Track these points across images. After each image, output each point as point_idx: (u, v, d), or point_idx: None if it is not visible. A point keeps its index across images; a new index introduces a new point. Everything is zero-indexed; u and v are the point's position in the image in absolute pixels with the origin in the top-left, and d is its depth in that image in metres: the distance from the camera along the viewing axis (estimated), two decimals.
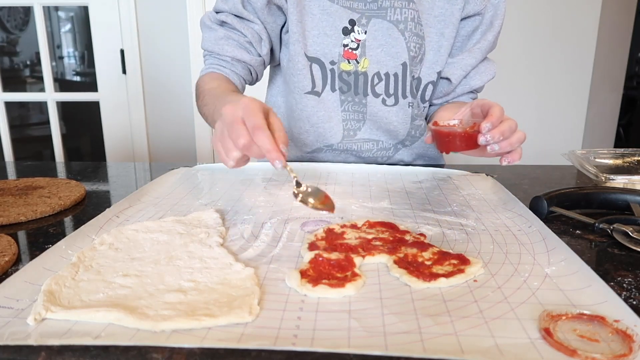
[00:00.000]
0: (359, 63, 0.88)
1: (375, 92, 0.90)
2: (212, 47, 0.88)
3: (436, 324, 0.38)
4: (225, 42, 0.87)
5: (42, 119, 2.66)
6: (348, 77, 0.89)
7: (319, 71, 0.89)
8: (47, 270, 0.47)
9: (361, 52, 0.87)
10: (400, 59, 0.88)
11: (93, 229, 0.58)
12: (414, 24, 0.86)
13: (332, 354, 0.34)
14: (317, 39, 0.86)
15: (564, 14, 1.99)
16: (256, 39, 0.87)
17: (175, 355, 0.34)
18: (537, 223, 0.59)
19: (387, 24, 0.86)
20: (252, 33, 0.86)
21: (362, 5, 0.86)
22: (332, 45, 0.87)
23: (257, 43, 0.87)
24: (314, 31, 0.86)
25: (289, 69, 0.91)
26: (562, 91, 2.08)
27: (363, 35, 0.86)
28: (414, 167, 0.91)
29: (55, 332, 0.37)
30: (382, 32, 0.86)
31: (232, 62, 0.88)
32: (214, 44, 0.88)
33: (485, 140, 0.63)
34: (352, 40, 0.86)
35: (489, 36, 0.90)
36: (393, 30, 0.86)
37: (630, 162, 0.89)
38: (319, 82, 0.90)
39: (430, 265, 0.48)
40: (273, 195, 0.73)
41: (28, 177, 0.84)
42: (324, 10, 0.85)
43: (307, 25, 0.86)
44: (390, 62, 0.88)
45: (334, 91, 0.90)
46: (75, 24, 3.24)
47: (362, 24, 0.86)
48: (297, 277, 0.44)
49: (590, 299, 0.41)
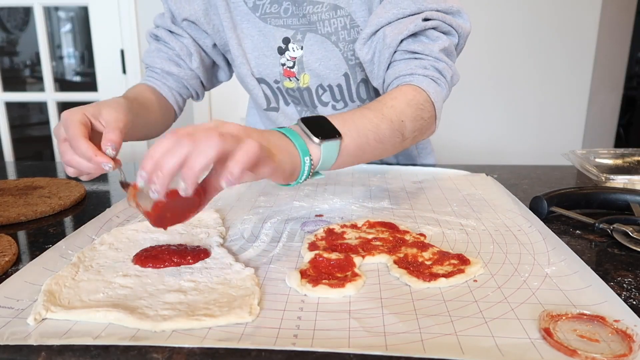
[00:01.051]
0: (299, 80, 0.86)
1: (323, 102, 0.89)
2: (146, 60, 0.88)
3: (436, 324, 0.38)
4: (156, 54, 0.86)
5: (42, 119, 2.66)
6: (294, 92, 0.88)
7: (268, 89, 0.89)
8: (47, 270, 0.47)
9: (299, 69, 0.85)
10: (340, 70, 0.84)
11: (93, 229, 0.58)
12: (347, 31, 0.80)
13: (332, 354, 0.34)
14: (259, 60, 0.86)
15: (564, 13, 1.99)
16: (185, 52, 0.86)
17: (175, 355, 0.34)
18: (537, 223, 0.59)
19: (320, 38, 0.82)
20: (180, 47, 0.85)
21: (296, 20, 0.82)
22: (272, 66, 0.86)
23: (187, 57, 0.86)
24: (254, 52, 0.85)
25: (245, 89, 0.93)
26: (562, 91, 2.08)
27: (299, 51, 0.84)
28: (414, 167, 0.91)
29: (55, 332, 0.37)
30: (317, 46, 0.83)
31: (163, 74, 0.87)
32: (146, 57, 0.88)
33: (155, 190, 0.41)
34: (287, 59, 0.85)
35: None
36: (327, 43, 0.82)
37: (630, 162, 0.89)
38: (272, 99, 0.90)
39: (430, 265, 0.48)
40: (273, 195, 0.73)
41: (28, 177, 0.84)
42: (260, 31, 0.84)
43: (247, 47, 0.85)
44: (331, 74, 0.85)
45: (288, 105, 0.91)
46: (75, 24, 3.24)
47: (297, 40, 0.83)
48: (297, 277, 0.44)
49: (590, 299, 0.41)
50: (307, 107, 0.91)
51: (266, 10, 0.82)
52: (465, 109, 2.09)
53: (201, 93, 0.94)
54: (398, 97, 0.68)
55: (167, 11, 0.85)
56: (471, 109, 2.11)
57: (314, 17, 0.81)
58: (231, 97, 1.98)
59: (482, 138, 2.14)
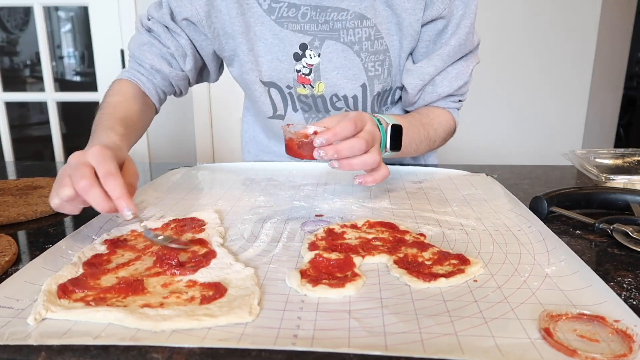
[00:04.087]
0: (313, 87, 0.84)
1: (337, 107, 0.87)
2: (134, 51, 0.85)
3: (436, 324, 0.38)
4: (147, 49, 0.83)
5: (42, 119, 2.66)
6: (306, 99, 0.86)
7: (278, 94, 0.87)
8: (47, 270, 0.47)
9: (315, 76, 0.83)
10: (359, 81, 0.84)
11: (93, 229, 0.58)
12: (371, 42, 0.81)
13: (332, 354, 0.34)
14: (271, 64, 0.83)
15: (564, 13, 1.99)
16: (180, 53, 0.84)
17: (175, 355, 0.34)
18: (537, 223, 0.59)
19: (341, 46, 0.81)
20: (176, 46, 0.83)
21: (314, 26, 0.80)
22: (285, 71, 0.83)
23: (181, 58, 0.84)
24: (267, 56, 0.83)
25: (249, 96, 0.91)
26: (562, 91, 2.08)
27: (316, 58, 0.82)
28: (414, 167, 0.91)
29: (55, 332, 0.37)
30: (336, 54, 0.82)
31: (151, 70, 0.84)
32: (135, 48, 0.85)
33: (319, 155, 0.59)
34: (304, 66, 0.82)
35: (453, 41, 0.80)
36: (348, 52, 0.81)
37: (630, 162, 0.89)
38: (279, 105, 0.88)
39: (430, 265, 0.48)
40: (273, 195, 0.73)
41: (28, 177, 0.84)
42: (275, 35, 0.81)
43: (259, 51, 0.82)
44: (348, 84, 0.84)
45: (296, 111, 0.89)
46: (75, 24, 3.24)
47: (315, 47, 0.81)
48: (297, 277, 0.44)
49: (590, 299, 0.41)
50: (318, 112, 0.88)
51: (283, 13, 0.80)
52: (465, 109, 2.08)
53: (185, 91, 0.93)
54: (442, 123, 0.87)
55: (166, 7, 0.83)
56: (471, 109, 2.10)
57: (338, 24, 0.80)
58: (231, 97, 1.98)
59: (482, 138, 2.14)
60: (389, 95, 0.89)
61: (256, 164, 0.92)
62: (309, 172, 0.87)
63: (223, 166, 0.91)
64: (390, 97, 0.90)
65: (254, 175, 0.84)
